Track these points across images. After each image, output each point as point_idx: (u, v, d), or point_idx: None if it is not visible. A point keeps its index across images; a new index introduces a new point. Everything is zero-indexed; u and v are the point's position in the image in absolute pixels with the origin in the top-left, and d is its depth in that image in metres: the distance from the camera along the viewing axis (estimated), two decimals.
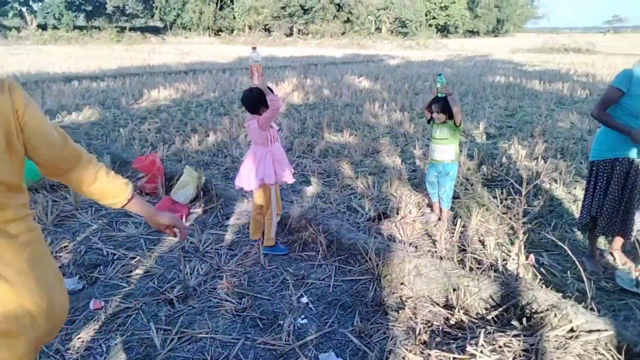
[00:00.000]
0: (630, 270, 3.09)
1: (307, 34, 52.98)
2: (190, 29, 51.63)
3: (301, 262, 3.36)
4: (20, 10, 44.61)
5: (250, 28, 53.06)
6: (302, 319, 2.69)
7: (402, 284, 2.91)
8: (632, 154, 2.87)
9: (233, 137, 6.87)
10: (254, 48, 14.37)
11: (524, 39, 50.12)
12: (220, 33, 53.32)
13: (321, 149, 6.25)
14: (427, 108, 3.74)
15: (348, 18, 55.28)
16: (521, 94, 11.03)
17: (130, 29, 49.45)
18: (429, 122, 3.82)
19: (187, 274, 3.13)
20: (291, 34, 53.11)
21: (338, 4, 53.60)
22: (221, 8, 53.12)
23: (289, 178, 3.39)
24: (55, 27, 45.63)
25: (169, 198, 4.33)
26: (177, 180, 4.63)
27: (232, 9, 52.77)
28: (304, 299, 2.89)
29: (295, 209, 3.94)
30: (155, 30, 52.30)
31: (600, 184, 3.00)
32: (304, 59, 23.00)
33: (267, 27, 53.30)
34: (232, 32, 53.30)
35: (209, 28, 52.41)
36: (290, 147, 6.26)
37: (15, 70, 15.87)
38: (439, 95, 3.58)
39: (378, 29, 57.50)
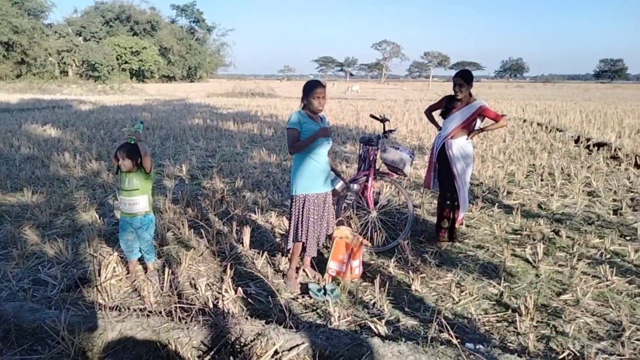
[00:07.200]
0: (318, 281, 3.59)
1: None
2: None
3: None
4: None
5: None
6: None
7: (105, 357, 2.55)
8: (320, 189, 3.41)
9: None
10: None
11: (216, 84, 54.46)
12: None
13: None
14: (115, 156, 3.46)
15: (23, 59, 48.19)
16: (219, 135, 11.76)
17: None
18: (116, 172, 3.53)
19: None
20: None
21: (7, 43, 46.11)
22: None
23: None
24: None
25: None
26: None
27: None
28: None
29: None
30: None
31: (300, 213, 3.42)
32: None
33: None
34: None
35: None
36: None
37: None
38: (130, 141, 3.38)
39: (64, 72, 52.24)
